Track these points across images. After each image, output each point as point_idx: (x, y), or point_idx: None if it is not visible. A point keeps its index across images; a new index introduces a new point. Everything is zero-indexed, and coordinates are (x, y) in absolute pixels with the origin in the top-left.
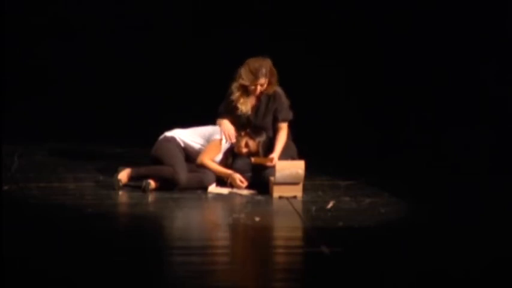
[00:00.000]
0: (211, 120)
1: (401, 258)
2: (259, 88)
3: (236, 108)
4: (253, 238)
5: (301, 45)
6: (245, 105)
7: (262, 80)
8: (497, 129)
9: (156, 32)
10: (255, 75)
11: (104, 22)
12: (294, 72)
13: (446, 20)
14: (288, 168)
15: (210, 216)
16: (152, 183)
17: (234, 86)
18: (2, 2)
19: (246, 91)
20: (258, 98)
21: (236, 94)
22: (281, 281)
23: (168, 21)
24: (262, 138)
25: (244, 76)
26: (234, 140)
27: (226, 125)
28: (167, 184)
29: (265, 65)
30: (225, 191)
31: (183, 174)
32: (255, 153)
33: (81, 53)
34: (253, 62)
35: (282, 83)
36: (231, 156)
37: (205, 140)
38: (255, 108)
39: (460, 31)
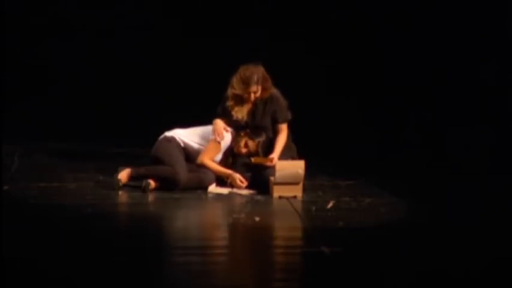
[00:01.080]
0: (211, 120)
1: (401, 258)
2: (253, 95)
3: (232, 114)
4: (253, 238)
5: (301, 45)
6: (240, 113)
7: (254, 88)
8: (497, 129)
9: (156, 32)
10: (246, 84)
11: (104, 22)
12: (294, 72)
13: (446, 20)
14: (288, 168)
15: (210, 216)
16: (152, 183)
17: (229, 93)
18: (2, 2)
19: (240, 99)
20: (254, 102)
21: (230, 103)
22: (281, 281)
23: (168, 21)
24: (262, 138)
25: (235, 85)
26: (222, 139)
27: (219, 124)
28: (167, 184)
29: (256, 72)
30: (225, 191)
31: (183, 174)
32: (255, 153)
33: (81, 53)
34: (244, 71)
35: (282, 83)
36: (231, 156)
37: (205, 140)
38: (252, 112)
39: (460, 31)
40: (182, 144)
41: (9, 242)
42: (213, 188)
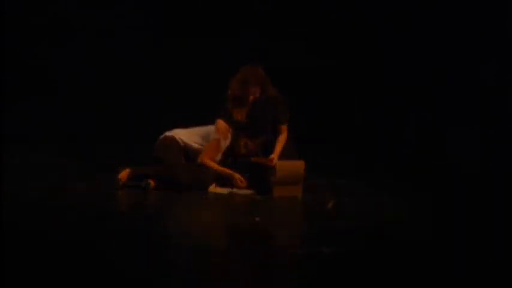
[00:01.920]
0: (211, 120)
1: (401, 258)
2: (251, 96)
3: (232, 116)
4: (253, 238)
5: (301, 45)
6: (240, 114)
7: (253, 89)
8: (497, 129)
9: (156, 32)
10: (245, 85)
11: (104, 22)
12: (294, 72)
13: (446, 20)
14: (288, 168)
15: (210, 216)
16: (152, 183)
17: (228, 94)
18: (2, 2)
19: (239, 100)
20: (253, 103)
21: (230, 104)
22: (281, 281)
23: (168, 21)
24: (261, 138)
25: (235, 86)
26: (228, 139)
27: (222, 124)
28: (167, 184)
29: (255, 74)
30: (225, 191)
31: (182, 173)
32: (254, 154)
33: (81, 53)
34: (243, 72)
35: (282, 83)
36: (231, 156)
37: (205, 140)
38: (251, 113)
39: (460, 31)
40: (182, 144)
41: (9, 242)
42: (213, 188)
